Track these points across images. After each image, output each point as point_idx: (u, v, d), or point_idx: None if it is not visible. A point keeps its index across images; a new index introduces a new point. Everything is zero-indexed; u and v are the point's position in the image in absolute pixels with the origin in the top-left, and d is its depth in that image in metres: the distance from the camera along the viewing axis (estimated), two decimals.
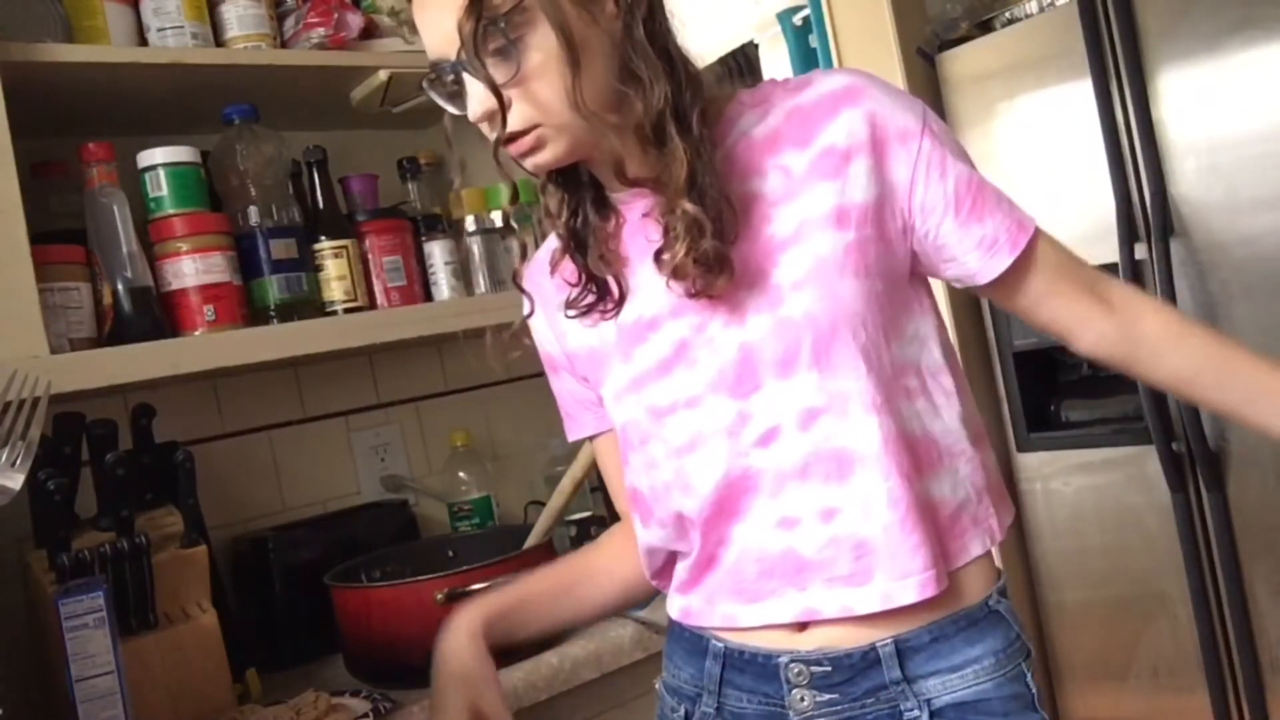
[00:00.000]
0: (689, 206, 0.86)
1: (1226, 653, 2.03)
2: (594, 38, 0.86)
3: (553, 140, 0.88)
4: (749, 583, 0.93)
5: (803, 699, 0.92)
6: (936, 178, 0.90)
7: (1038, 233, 0.93)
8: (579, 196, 0.98)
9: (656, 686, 1.05)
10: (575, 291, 0.97)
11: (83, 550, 1.18)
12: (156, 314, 1.34)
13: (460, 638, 1.01)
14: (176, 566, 1.28)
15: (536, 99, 0.86)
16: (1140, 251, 2.04)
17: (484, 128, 0.89)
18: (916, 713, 0.90)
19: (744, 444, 0.91)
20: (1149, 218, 2.00)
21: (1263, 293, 1.91)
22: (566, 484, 1.37)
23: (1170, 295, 1.96)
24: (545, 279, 1.02)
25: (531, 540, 1.40)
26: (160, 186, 1.37)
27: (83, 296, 1.30)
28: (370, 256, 1.55)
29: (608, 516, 1.75)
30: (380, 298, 1.55)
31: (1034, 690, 0.92)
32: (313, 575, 1.43)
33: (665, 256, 0.89)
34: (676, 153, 0.87)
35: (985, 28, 2.31)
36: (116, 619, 1.11)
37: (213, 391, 1.63)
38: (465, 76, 0.88)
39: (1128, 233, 2.02)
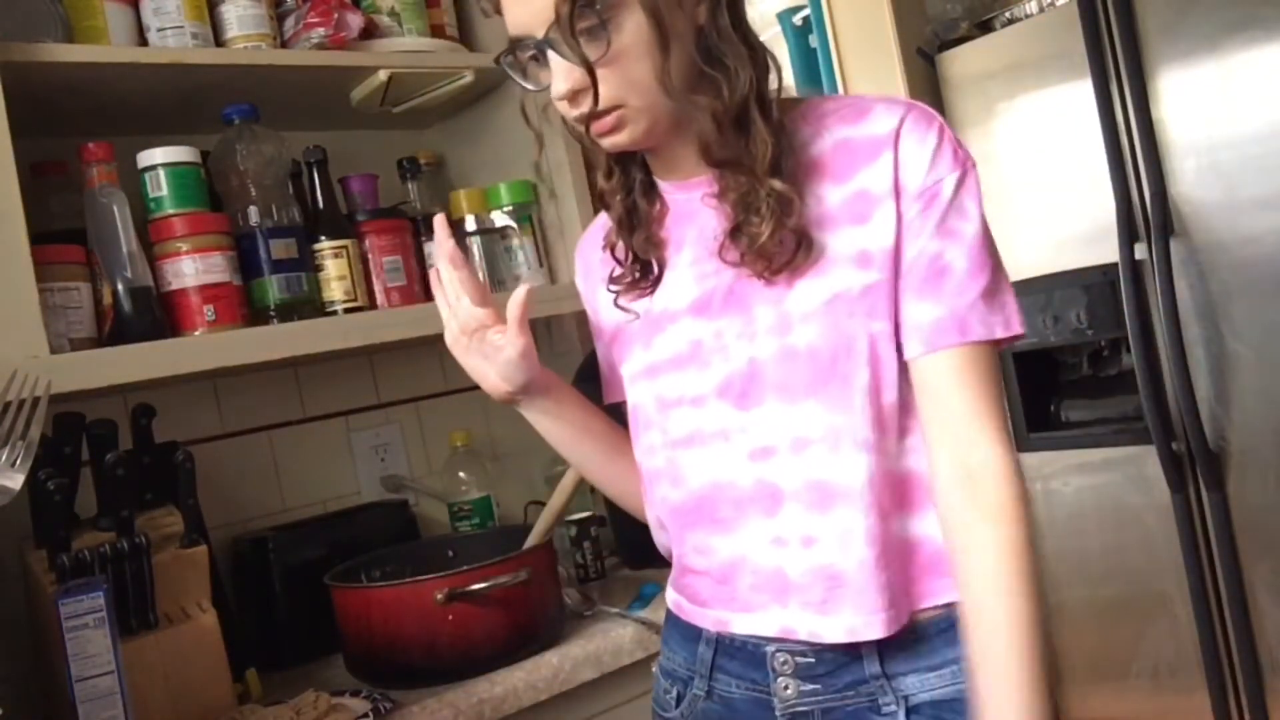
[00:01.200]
0: (777, 185, 0.89)
1: (1226, 653, 2.03)
2: (680, 23, 0.89)
3: (633, 121, 0.91)
4: (741, 594, 0.96)
5: (787, 687, 0.95)
6: (912, 238, 0.91)
7: (977, 347, 0.90)
8: (631, 180, 1.01)
9: (654, 670, 1.08)
10: (620, 269, 1.02)
11: (83, 550, 1.19)
12: (156, 314, 1.34)
13: None
14: (176, 566, 1.28)
15: (624, 78, 0.88)
16: (1140, 251, 2.04)
17: (564, 106, 0.92)
18: (894, 708, 0.92)
19: (738, 452, 0.94)
20: (1149, 217, 2.00)
21: (1263, 292, 1.91)
22: (567, 483, 1.37)
23: (1170, 295, 1.96)
24: (595, 252, 1.08)
25: (531, 540, 1.40)
26: (160, 186, 1.37)
27: (83, 296, 1.30)
28: (370, 256, 1.55)
29: (608, 516, 1.75)
30: (380, 297, 1.55)
31: None
32: (313, 575, 1.43)
33: (748, 232, 0.91)
34: (760, 135, 0.90)
35: (985, 28, 2.31)
36: (116, 619, 1.11)
37: (213, 391, 1.63)
38: (551, 54, 0.89)
39: (1128, 233, 2.02)
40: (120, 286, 1.31)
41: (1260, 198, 1.88)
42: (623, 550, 1.79)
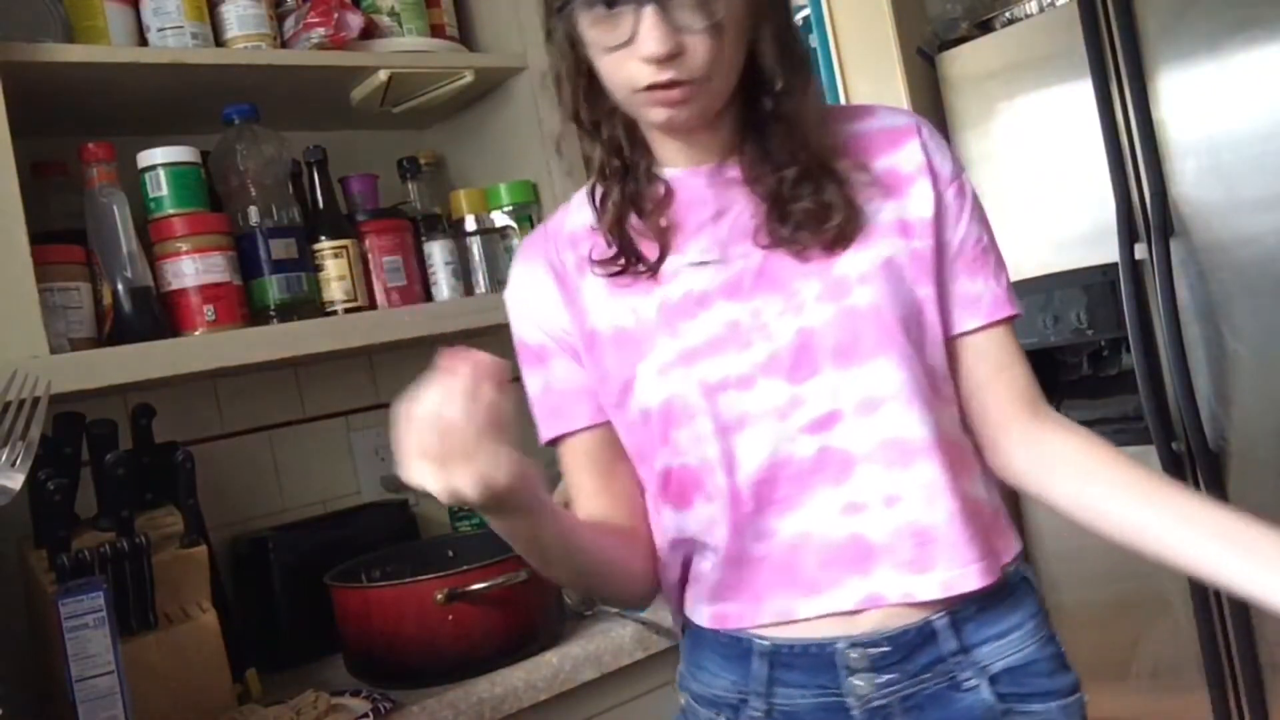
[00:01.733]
0: (825, 161, 0.94)
1: (1226, 653, 2.03)
2: (759, 11, 0.91)
3: (699, 98, 0.89)
4: (808, 574, 0.92)
5: (861, 683, 0.91)
6: (953, 222, 0.97)
7: (1015, 319, 0.99)
8: (636, 165, 0.98)
9: (682, 701, 1.02)
10: (616, 258, 0.97)
11: (83, 550, 1.18)
12: (156, 314, 1.34)
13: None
14: (176, 566, 1.28)
15: (719, 54, 0.87)
16: (1140, 252, 2.04)
17: (647, 70, 0.86)
18: (975, 681, 0.92)
19: (792, 428, 0.91)
20: (1149, 218, 2.00)
21: (1263, 293, 1.91)
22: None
23: (1170, 295, 1.96)
24: (566, 252, 1.00)
25: None
26: (160, 186, 1.37)
27: (83, 296, 1.30)
28: (370, 256, 1.55)
29: None
30: (380, 298, 1.55)
31: (1063, 651, 0.98)
32: (313, 575, 1.43)
33: (798, 207, 0.93)
34: (808, 123, 0.94)
35: (985, 28, 2.31)
36: (116, 619, 1.11)
37: (213, 391, 1.63)
38: (650, 13, 0.84)
39: (1127, 233, 2.02)
40: (120, 286, 1.31)
41: (1260, 198, 1.88)
42: None
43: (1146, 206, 2.03)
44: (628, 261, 0.96)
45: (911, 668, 0.91)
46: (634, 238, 0.96)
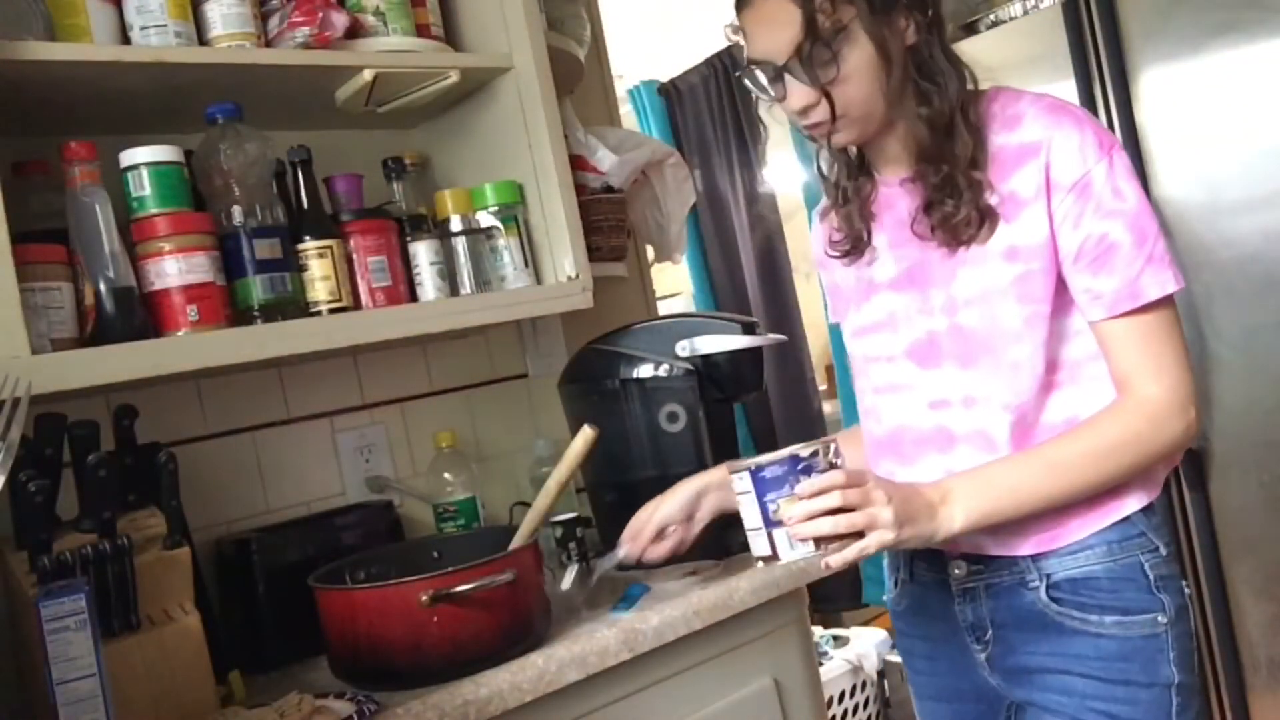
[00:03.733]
0: (976, 174, 1.13)
1: (1209, 652, 2.05)
2: (896, 45, 1.13)
3: (847, 128, 1.16)
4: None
5: (959, 568, 1.23)
6: (1069, 229, 1.11)
7: (1147, 307, 1.11)
8: (851, 164, 1.27)
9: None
10: (838, 236, 1.29)
11: (64, 552, 1.18)
12: (139, 314, 1.33)
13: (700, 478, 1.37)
14: (159, 568, 1.28)
15: (850, 97, 1.12)
16: None
17: (795, 117, 1.17)
18: (1037, 583, 1.18)
19: (920, 402, 1.22)
20: None
21: (1244, 294, 1.92)
22: (552, 485, 1.37)
23: None
24: (820, 222, 1.37)
25: (517, 541, 1.40)
26: (143, 186, 1.36)
27: (64, 296, 1.29)
28: (355, 256, 1.55)
29: (593, 518, 1.75)
30: (365, 298, 1.55)
31: (1150, 576, 1.15)
32: (297, 577, 1.42)
33: (938, 212, 1.15)
34: (962, 137, 1.14)
35: (970, 29, 2.32)
36: (98, 621, 1.10)
37: (196, 392, 1.62)
38: (788, 77, 1.13)
39: None
40: (102, 286, 1.30)
41: (1241, 200, 1.90)
42: (608, 551, 1.78)
43: None
44: (841, 243, 1.28)
45: (994, 564, 1.20)
46: (848, 223, 1.26)
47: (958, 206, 1.13)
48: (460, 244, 1.65)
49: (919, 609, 1.32)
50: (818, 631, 3.11)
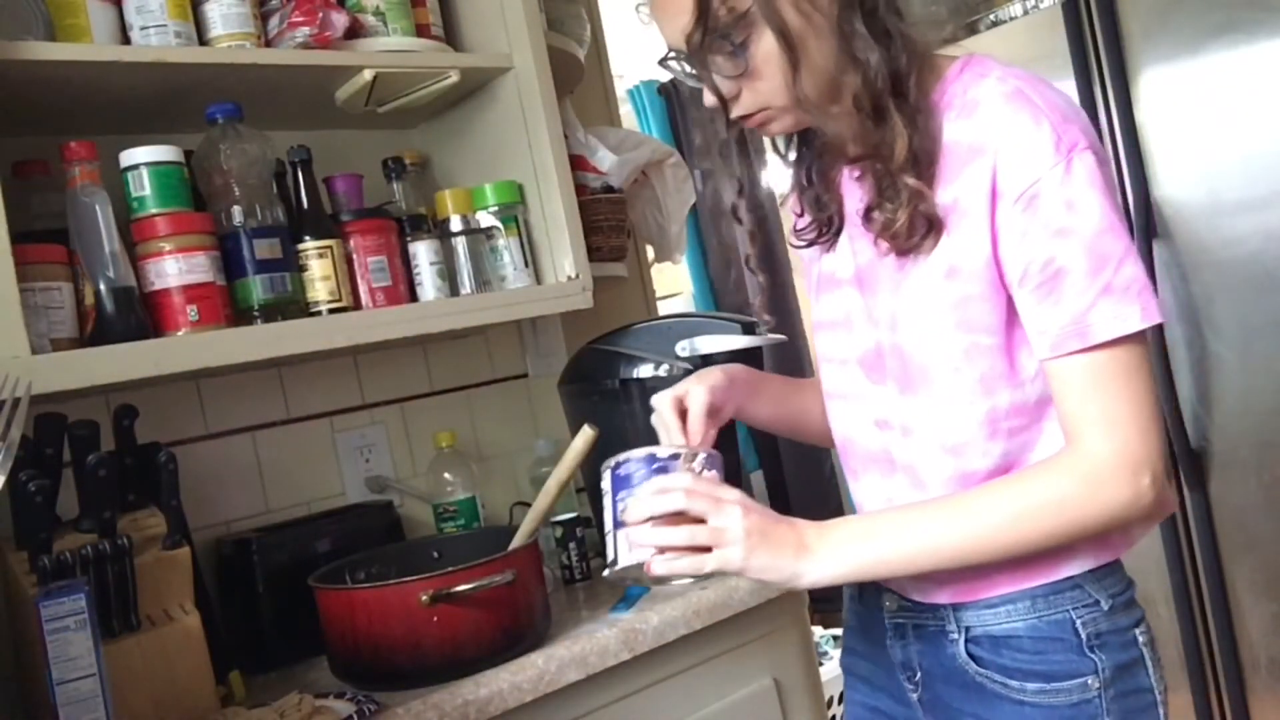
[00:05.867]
0: (910, 181, 0.95)
1: (1209, 652, 2.05)
2: (812, 32, 0.95)
3: (778, 118, 1.01)
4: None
5: (890, 603, 1.11)
6: (1013, 248, 0.93)
7: (1101, 347, 0.91)
8: (808, 146, 1.11)
9: None
10: (801, 224, 1.14)
11: (64, 552, 1.18)
12: (139, 314, 1.33)
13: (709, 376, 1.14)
14: (159, 568, 1.28)
15: (763, 90, 0.98)
16: None
17: (715, 111, 1.02)
18: (956, 635, 1.04)
19: (867, 416, 1.07)
20: (1133, 220, 2.01)
21: (1245, 294, 1.92)
22: (552, 485, 1.37)
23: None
24: (785, 209, 1.24)
25: (517, 541, 1.40)
26: (143, 186, 1.36)
27: (64, 296, 1.29)
28: (355, 256, 1.55)
29: (593, 518, 1.75)
30: (365, 298, 1.55)
31: (1083, 635, 0.99)
32: (297, 577, 1.42)
33: (878, 216, 0.99)
34: (896, 126, 0.95)
35: (970, 30, 2.31)
36: (98, 621, 1.10)
37: (196, 392, 1.62)
38: (705, 76, 0.99)
39: None
40: (102, 286, 1.30)
41: (1242, 200, 1.90)
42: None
43: (1130, 208, 2.04)
44: (807, 230, 1.13)
45: (918, 607, 1.07)
46: (812, 208, 1.11)
47: (895, 211, 0.96)
48: (460, 244, 1.65)
49: (864, 630, 1.18)
50: (818, 632, 3.10)
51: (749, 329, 1.61)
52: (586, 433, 1.34)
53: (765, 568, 0.94)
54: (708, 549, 0.93)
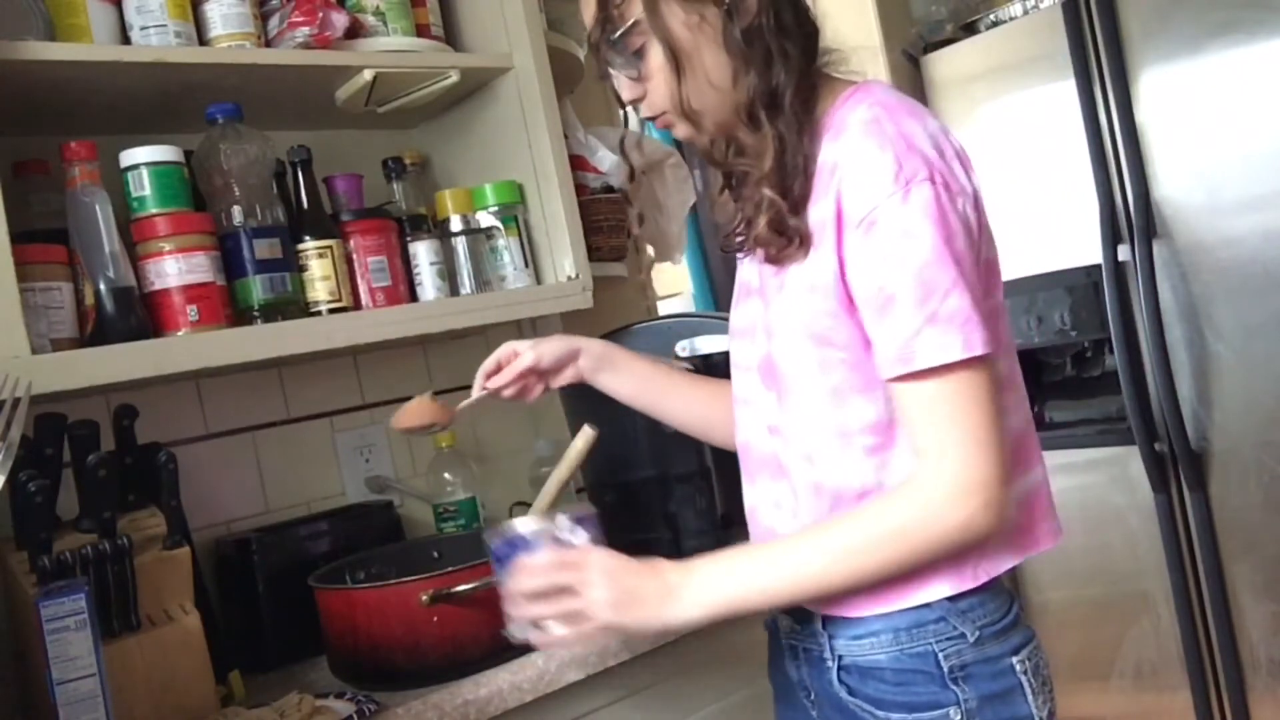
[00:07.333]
0: (768, 192, 0.99)
1: (1209, 652, 2.05)
2: (703, 43, 0.99)
3: (679, 125, 1.04)
4: (755, 538, 1.14)
5: (784, 624, 1.14)
6: (855, 271, 0.96)
7: (929, 373, 0.93)
8: (726, 147, 1.11)
9: None
10: (727, 227, 1.14)
11: (64, 552, 1.18)
12: (139, 314, 1.33)
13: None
14: (159, 568, 1.28)
15: (659, 96, 1.02)
16: (1123, 253, 2.05)
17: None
18: (831, 662, 1.06)
19: (762, 421, 1.10)
20: (1132, 219, 2.02)
21: (1244, 294, 1.92)
22: (552, 485, 1.37)
23: (1153, 296, 1.98)
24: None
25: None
26: (143, 186, 1.36)
27: (64, 296, 1.29)
28: (355, 257, 1.55)
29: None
30: (365, 298, 1.55)
31: (944, 667, 1.00)
32: (297, 577, 1.42)
33: (751, 229, 1.02)
34: (766, 139, 0.99)
35: (970, 30, 2.32)
36: (98, 621, 1.10)
37: (196, 392, 1.62)
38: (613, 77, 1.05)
39: (1111, 234, 2.03)
40: (102, 286, 1.30)
41: (1241, 200, 1.90)
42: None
43: (1130, 208, 2.04)
44: (733, 234, 1.13)
45: (805, 628, 1.10)
46: (724, 212, 1.14)
47: (754, 221, 1.00)
48: (460, 244, 1.65)
49: (773, 649, 1.21)
50: None
51: None
52: (586, 433, 1.34)
53: (639, 621, 0.99)
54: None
